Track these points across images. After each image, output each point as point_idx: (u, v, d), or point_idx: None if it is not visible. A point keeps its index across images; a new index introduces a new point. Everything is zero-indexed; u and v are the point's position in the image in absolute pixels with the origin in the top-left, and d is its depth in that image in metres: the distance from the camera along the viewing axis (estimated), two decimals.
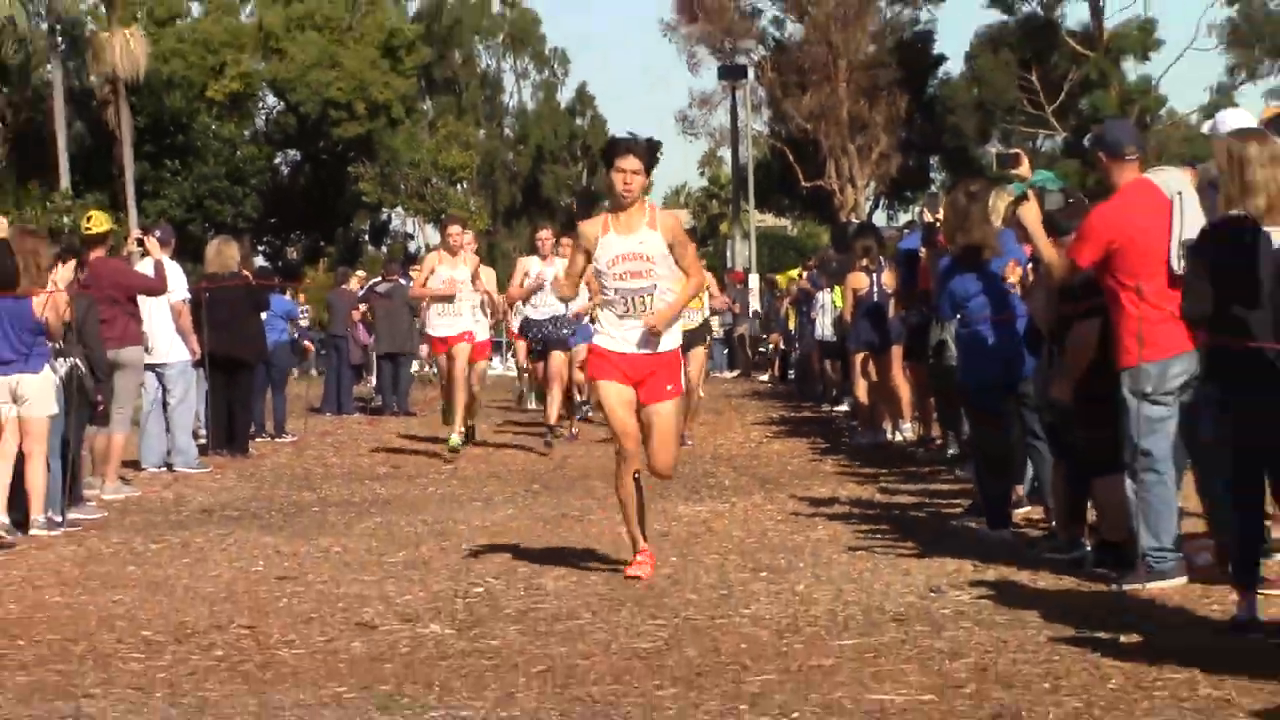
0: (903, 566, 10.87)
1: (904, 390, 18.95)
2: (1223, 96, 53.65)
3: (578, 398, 20.62)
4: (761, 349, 44.16)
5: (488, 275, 18.14)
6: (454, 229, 18.27)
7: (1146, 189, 9.83)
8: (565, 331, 19.17)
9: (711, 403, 26.90)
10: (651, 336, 9.81)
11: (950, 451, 16.55)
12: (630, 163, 9.57)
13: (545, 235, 19.31)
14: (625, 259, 9.65)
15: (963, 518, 12.94)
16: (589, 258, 9.89)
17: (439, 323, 17.39)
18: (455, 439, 17.62)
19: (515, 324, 20.31)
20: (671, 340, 10.02)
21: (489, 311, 18.61)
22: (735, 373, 43.72)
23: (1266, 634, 8.42)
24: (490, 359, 20.35)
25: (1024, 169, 11.96)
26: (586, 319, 18.58)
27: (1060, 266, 10.25)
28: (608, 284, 9.89)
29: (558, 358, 19.09)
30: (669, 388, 10.03)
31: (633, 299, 9.71)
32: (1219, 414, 8.86)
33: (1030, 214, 10.61)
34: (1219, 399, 8.84)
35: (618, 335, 9.92)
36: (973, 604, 9.58)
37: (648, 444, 10.08)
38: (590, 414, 21.67)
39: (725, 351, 44.31)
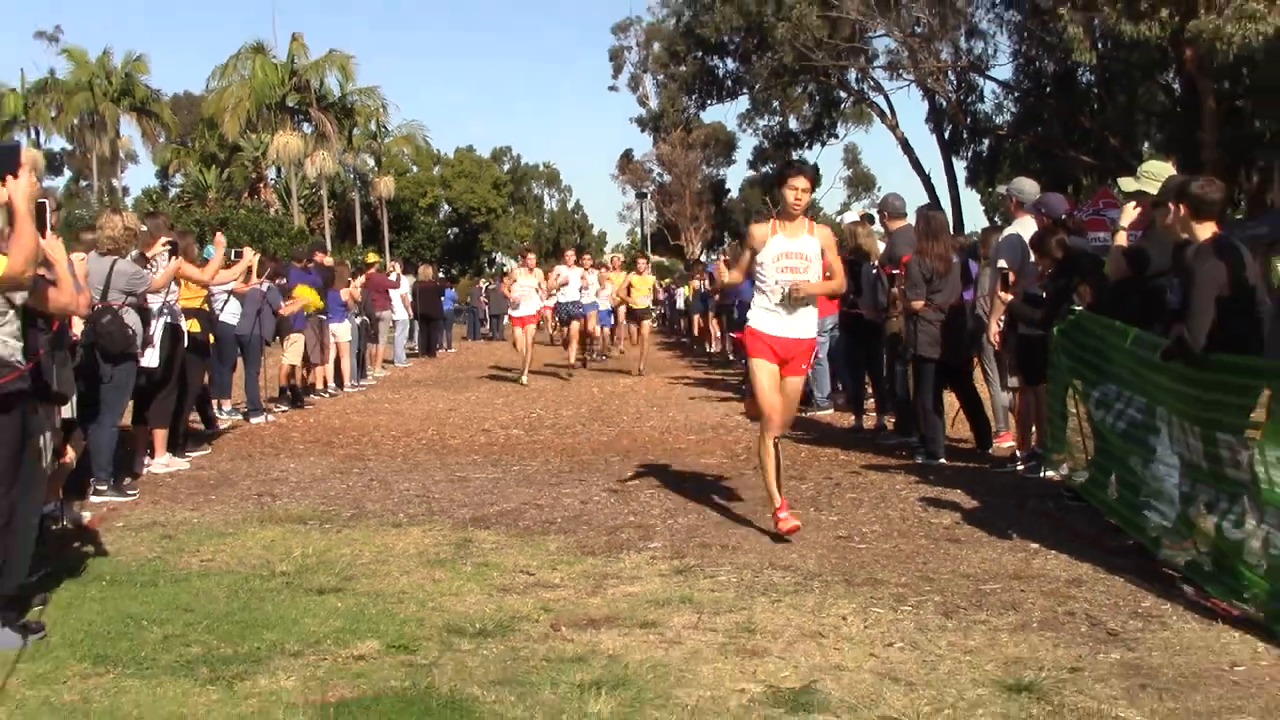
0: (714, 405, 10.80)
1: (714, 330, 18.81)
2: (845, 207, 53.78)
3: (574, 356, 16.85)
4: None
5: (540, 280, 17.24)
6: (530, 256, 16.67)
7: None
8: (580, 311, 16.35)
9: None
10: (795, 296, 5.32)
11: (737, 357, 16.42)
12: (801, 182, 5.29)
13: (569, 253, 18.38)
14: (788, 256, 5.32)
15: (737, 386, 12.86)
16: (754, 253, 5.44)
17: (519, 308, 15.84)
18: (524, 379, 14.45)
19: (551, 304, 18.88)
20: (811, 328, 5.45)
21: (543, 293, 16.98)
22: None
23: (868, 434, 8.42)
24: (541, 320, 18.65)
25: None
26: (600, 302, 17.00)
27: None
28: (769, 274, 5.37)
29: (574, 325, 16.37)
30: (803, 367, 5.52)
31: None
32: (845, 339, 8.88)
33: None
34: (845, 334, 8.84)
35: (773, 320, 5.40)
36: (743, 421, 9.49)
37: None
38: (604, 359, 18.76)
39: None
